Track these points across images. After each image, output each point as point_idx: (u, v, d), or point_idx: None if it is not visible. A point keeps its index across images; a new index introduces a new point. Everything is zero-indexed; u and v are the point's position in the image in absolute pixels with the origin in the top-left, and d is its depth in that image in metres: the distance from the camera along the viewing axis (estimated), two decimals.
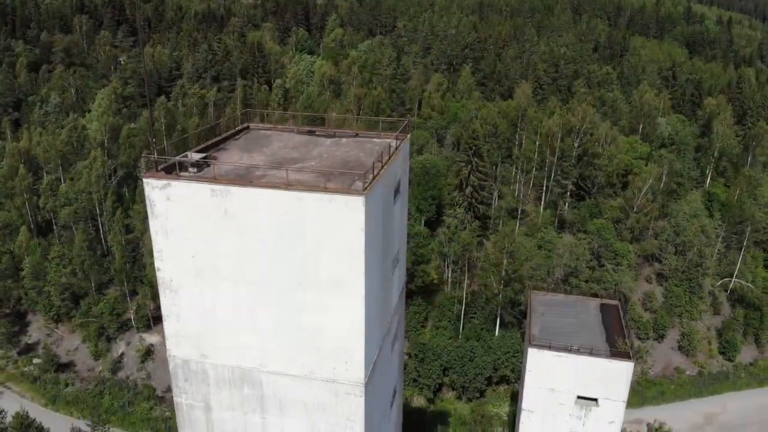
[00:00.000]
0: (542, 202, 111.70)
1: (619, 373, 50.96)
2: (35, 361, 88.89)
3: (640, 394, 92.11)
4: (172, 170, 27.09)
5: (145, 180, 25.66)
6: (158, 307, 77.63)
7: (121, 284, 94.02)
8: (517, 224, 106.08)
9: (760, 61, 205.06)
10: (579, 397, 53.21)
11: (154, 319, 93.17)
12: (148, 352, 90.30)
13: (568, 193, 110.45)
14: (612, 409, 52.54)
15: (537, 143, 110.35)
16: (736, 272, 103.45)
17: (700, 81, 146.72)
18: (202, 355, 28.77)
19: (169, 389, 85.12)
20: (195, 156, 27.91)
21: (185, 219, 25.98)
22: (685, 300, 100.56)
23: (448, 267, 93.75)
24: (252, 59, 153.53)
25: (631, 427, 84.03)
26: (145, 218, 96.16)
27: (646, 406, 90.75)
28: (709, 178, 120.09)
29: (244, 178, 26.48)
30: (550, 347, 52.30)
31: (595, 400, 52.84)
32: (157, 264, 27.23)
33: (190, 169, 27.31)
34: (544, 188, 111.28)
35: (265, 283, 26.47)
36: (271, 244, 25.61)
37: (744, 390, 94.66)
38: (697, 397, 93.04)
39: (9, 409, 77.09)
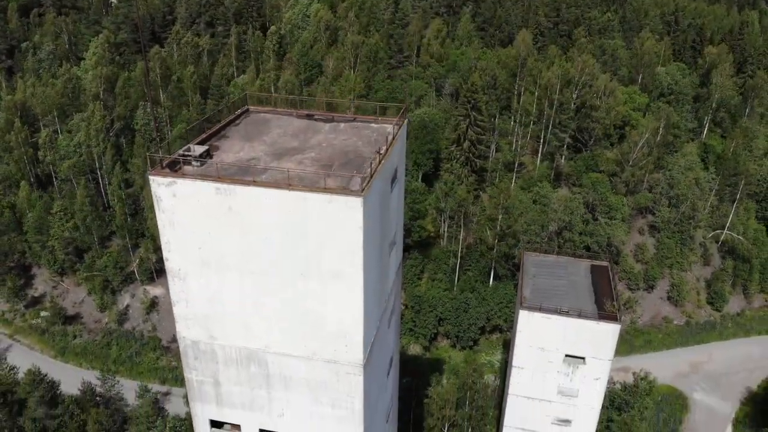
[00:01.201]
0: (539, 155, 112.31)
1: (606, 334, 53.23)
2: (42, 314, 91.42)
3: (629, 342, 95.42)
4: (177, 163, 28.00)
5: (150, 177, 26.59)
6: (160, 260, 79.23)
7: (123, 238, 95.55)
8: (514, 177, 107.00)
9: (764, 1, 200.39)
10: (567, 356, 55.74)
11: (157, 272, 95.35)
12: (152, 304, 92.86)
13: (565, 146, 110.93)
14: (598, 367, 55.18)
15: (536, 94, 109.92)
16: (728, 224, 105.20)
17: (702, 26, 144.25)
18: (211, 336, 30.48)
19: (174, 340, 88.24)
20: (197, 149, 28.74)
21: (191, 214, 27.07)
22: (676, 252, 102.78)
23: (444, 222, 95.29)
24: (246, 1, 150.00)
25: (618, 375, 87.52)
26: (144, 172, 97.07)
27: (633, 355, 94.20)
28: (706, 129, 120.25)
29: (246, 172, 27.38)
30: (540, 309, 54.42)
31: (583, 358, 55.39)
32: (165, 254, 28.52)
33: (194, 163, 28.21)
34: (542, 140, 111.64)
35: (269, 273, 27.85)
36: (274, 239, 26.83)
37: (730, 339, 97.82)
38: (683, 346, 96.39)
39: (19, 361, 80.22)
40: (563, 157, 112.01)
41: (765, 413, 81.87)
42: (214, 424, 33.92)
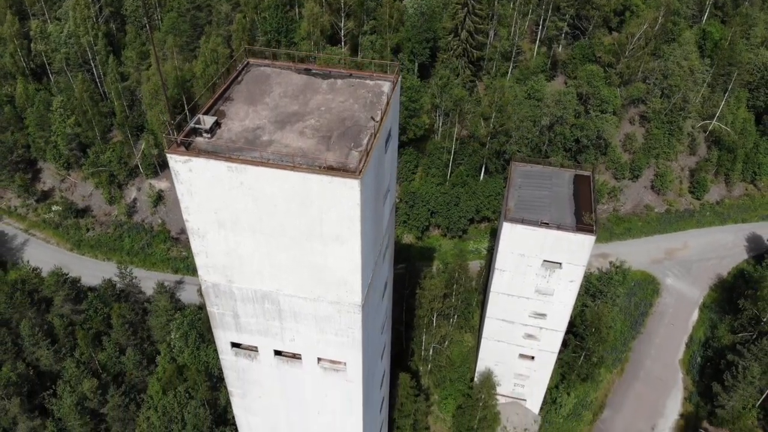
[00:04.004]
0: (536, 42, 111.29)
1: (582, 244, 58.09)
2: (54, 208, 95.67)
3: (609, 230, 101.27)
4: (191, 135, 30.81)
5: (168, 155, 29.51)
6: (162, 154, 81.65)
7: (123, 133, 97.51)
8: (511, 68, 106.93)
9: None
10: (545, 261, 61.12)
11: (160, 166, 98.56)
12: (159, 198, 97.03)
13: (563, 35, 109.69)
14: (573, 271, 60.75)
15: None
16: (717, 114, 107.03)
17: None
18: (229, 280, 34.95)
19: (183, 231, 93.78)
20: (207, 120, 31.29)
21: (206, 185, 30.29)
22: (663, 142, 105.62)
23: (439, 117, 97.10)
24: None
25: (597, 261, 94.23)
26: (138, 65, 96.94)
27: (613, 242, 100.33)
28: (706, 14, 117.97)
29: (252, 144, 30.31)
30: (522, 222, 58.89)
31: (560, 263, 60.79)
32: (185, 216, 32.14)
33: (204, 135, 30.97)
34: (540, 27, 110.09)
35: (278, 234, 31.66)
36: (282, 208, 30.31)
37: (707, 227, 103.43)
38: (662, 234, 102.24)
39: (39, 255, 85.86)
40: (560, 45, 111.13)
41: (731, 300, 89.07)
42: (235, 345, 39.52)
